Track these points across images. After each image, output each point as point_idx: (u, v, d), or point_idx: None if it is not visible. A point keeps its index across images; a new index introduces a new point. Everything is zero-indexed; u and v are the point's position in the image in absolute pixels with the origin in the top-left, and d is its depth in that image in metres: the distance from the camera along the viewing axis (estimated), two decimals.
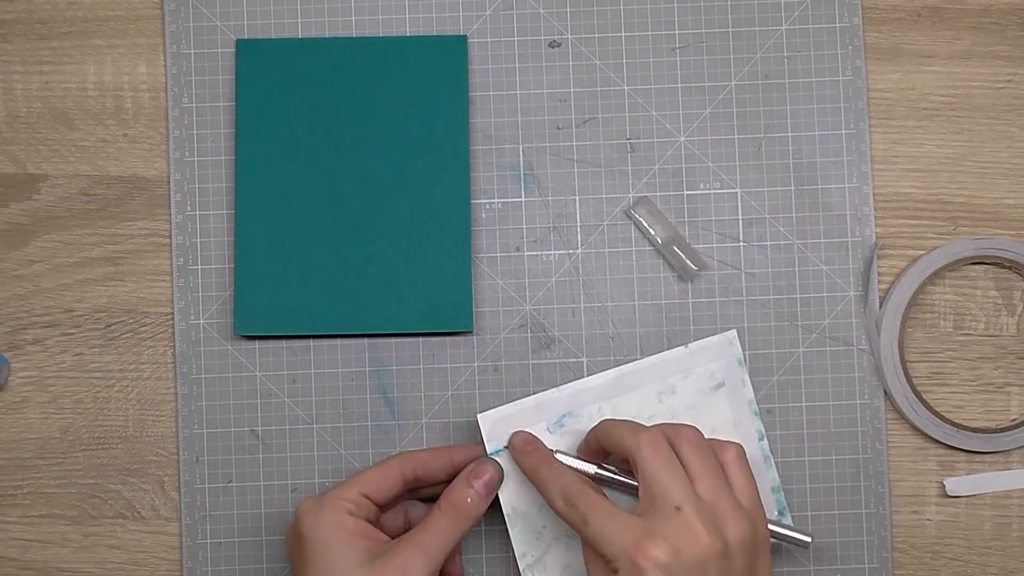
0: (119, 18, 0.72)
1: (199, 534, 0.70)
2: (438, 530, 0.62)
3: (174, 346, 0.71)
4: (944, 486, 0.70)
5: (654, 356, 0.69)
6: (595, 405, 0.68)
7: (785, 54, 0.71)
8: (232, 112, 0.71)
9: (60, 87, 0.72)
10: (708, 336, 0.69)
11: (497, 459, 0.66)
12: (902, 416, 0.70)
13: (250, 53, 0.71)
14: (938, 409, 0.70)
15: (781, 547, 0.69)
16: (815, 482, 0.70)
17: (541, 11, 0.72)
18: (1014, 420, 0.70)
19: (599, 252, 0.71)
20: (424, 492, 0.68)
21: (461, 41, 0.71)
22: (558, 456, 0.65)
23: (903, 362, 0.70)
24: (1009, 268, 0.71)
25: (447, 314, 0.69)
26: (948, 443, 0.69)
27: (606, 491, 0.65)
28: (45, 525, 0.71)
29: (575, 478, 0.62)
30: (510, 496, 0.67)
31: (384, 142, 0.70)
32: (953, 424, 0.69)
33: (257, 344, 0.71)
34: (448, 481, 0.65)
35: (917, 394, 0.69)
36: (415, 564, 0.61)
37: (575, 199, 0.71)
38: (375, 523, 0.64)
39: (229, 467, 0.70)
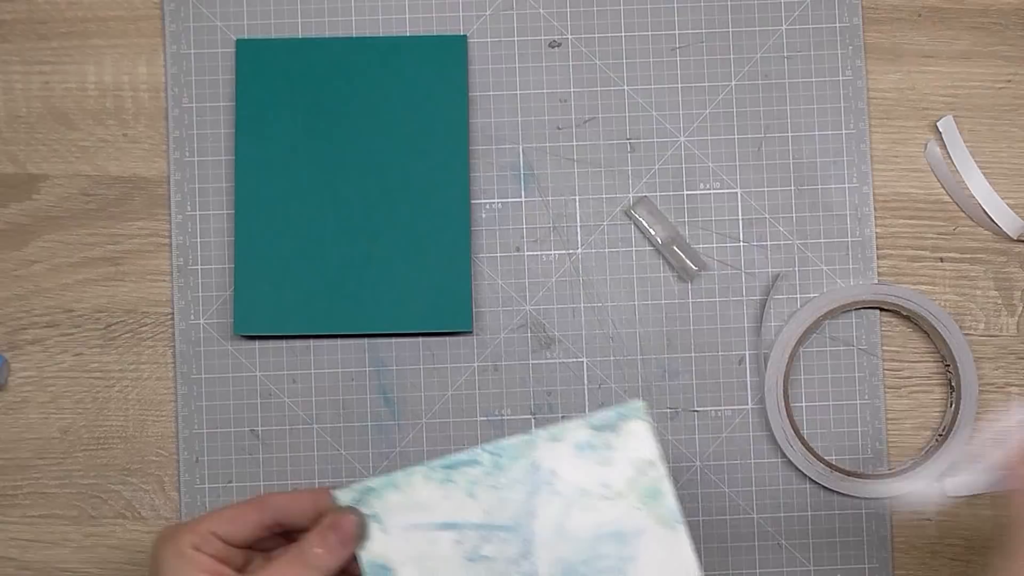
0: (119, 18, 0.72)
1: None
2: None
3: (174, 346, 0.71)
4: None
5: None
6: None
7: (785, 54, 0.71)
8: (232, 112, 0.71)
9: (60, 87, 0.72)
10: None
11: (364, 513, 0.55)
12: (782, 452, 0.69)
13: (250, 53, 0.71)
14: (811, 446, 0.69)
15: (782, 547, 0.69)
16: (815, 481, 0.70)
17: (541, 11, 0.72)
18: (891, 469, 0.70)
19: (599, 252, 0.71)
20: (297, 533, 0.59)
21: (461, 41, 0.71)
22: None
23: (786, 396, 0.69)
24: (907, 318, 0.70)
25: (447, 314, 0.69)
26: (820, 482, 0.69)
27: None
28: (45, 525, 0.71)
29: None
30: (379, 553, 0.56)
31: (384, 142, 0.70)
32: (827, 464, 0.69)
33: (257, 344, 0.71)
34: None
35: (796, 430, 0.69)
36: None
37: (575, 199, 0.71)
38: (227, 561, 0.57)
39: (229, 467, 0.70)
